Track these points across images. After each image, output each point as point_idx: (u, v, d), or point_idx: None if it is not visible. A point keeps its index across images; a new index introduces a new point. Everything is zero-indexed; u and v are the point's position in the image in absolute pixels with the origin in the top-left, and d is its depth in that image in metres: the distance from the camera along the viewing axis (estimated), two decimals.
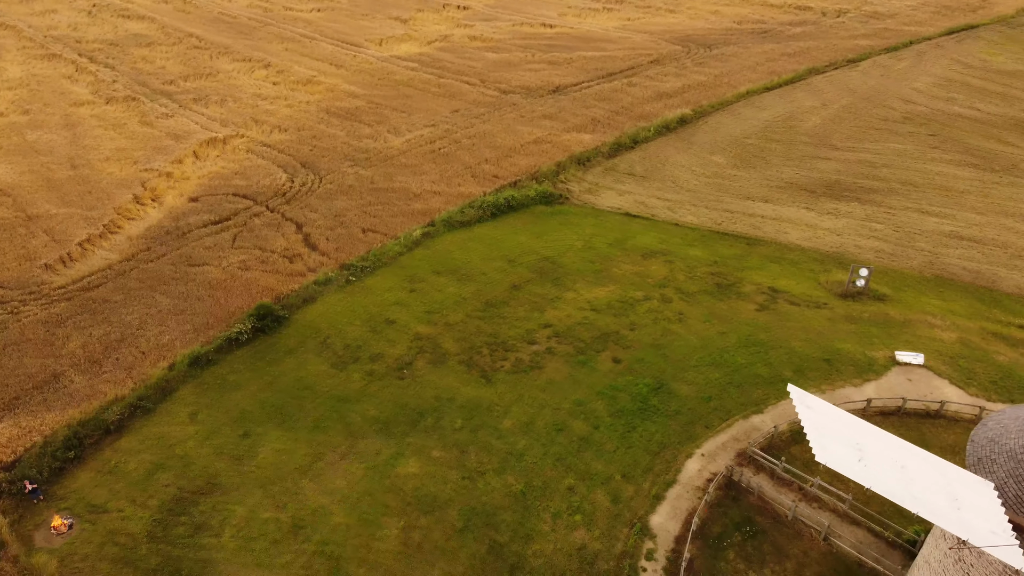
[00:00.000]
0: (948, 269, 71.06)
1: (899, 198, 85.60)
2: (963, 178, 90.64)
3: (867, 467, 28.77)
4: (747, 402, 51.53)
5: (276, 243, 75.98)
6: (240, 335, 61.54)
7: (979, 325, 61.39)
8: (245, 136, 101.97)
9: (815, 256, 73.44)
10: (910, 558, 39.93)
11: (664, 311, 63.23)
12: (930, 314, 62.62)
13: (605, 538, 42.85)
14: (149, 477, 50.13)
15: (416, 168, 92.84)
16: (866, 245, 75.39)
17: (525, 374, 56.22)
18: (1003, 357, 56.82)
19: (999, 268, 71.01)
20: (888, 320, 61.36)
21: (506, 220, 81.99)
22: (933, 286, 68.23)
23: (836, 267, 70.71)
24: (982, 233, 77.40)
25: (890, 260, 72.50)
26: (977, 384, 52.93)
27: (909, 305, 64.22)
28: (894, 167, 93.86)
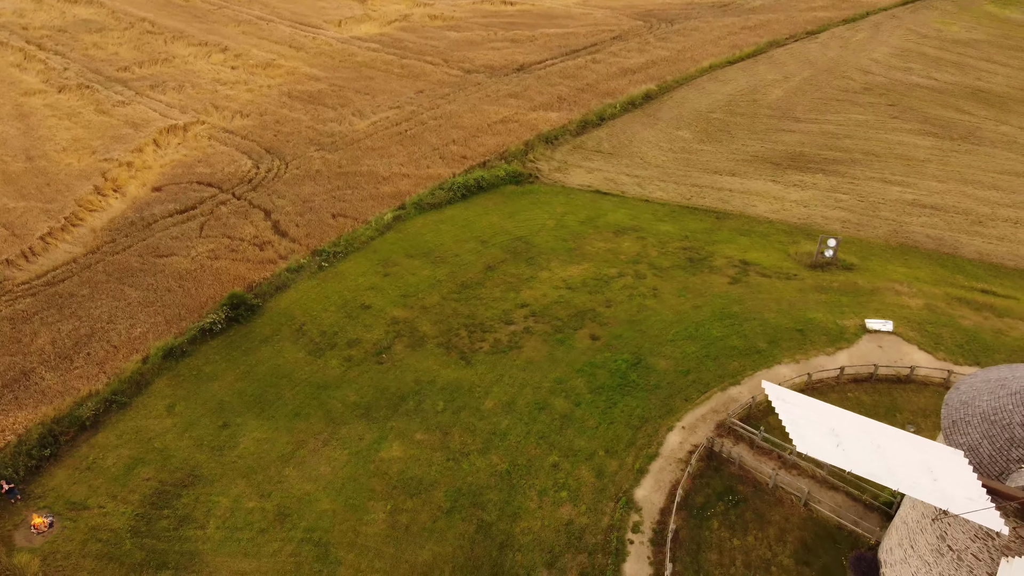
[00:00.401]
0: (912, 237, 72.74)
1: (862, 168, 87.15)
2: (923, 147, 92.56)
3: (845, 451, 29.48)
4: (724, 374, 52.43)
5: (245, 231, 74.89)
6: (214, 325, 60.76)
7: (943, 291, 63.06)
8: (206, 123, 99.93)
9: (783, 228, 74.58)
10: (887, 520, 41.24)
11: (638, 287, 63.83)
12: (896, 281, 64.13)
13: (591, 513, 43.50)
14: (128, 472, 49.53)
15: (383, 151, 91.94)
16: (832, 216, 76.76)
17: (504, 354, 56.45)
18: (967, 321, 58.52)
19: (960, 235, 72.88)
20: (856, 289, 62.73)
21: (477, 201, 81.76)
22: (898, 254, 69.81)
23: (804, 238, 71.94)
24: (943, 201, 79.27)
25: (856, 230, 73.96)
26: (944, 348, 54.50)
27: (876, 273, 65.69)
28: (856, 138, 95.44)
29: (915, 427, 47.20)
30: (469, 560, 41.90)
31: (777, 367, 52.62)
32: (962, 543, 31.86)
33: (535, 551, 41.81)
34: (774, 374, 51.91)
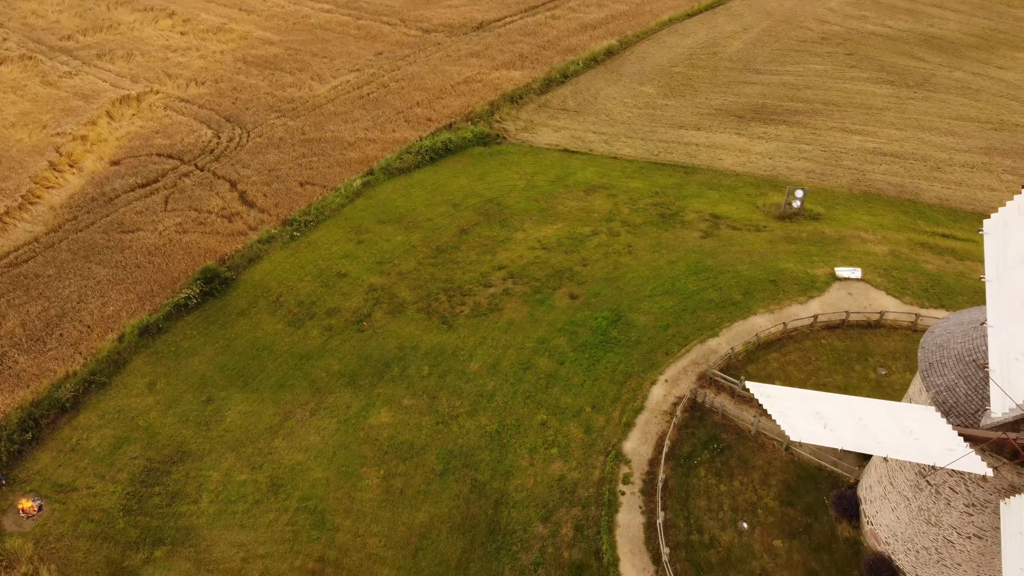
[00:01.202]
0: (874, 185, 74.50)
1: (823, 118, 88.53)
2: (880, 95, 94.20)
3: (834, 431, 30.48)
4: (702, 327, 53.65)
5: (211, 203, 73.51)
6: (188, 300, 60.02)
7: (906, 237, 65.01)
8: (160, 92, 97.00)
9: (750, 180, 75.72)
10: (864, 459, 43.06)
11: (613, 244, 64.54)
12: (862, 229, 65.86)
13: (582, 467, 44.63)
14: (115, 451, 49.22)
15: (346, 116, 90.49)
16: (797, 167, 78.12)
17: (485, 317, 56.91)
18: (930, 265, 60.54)
19: (920, 181, 74.85)
20: (824, 238, 64.30)
21: (445, 164, 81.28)
22: (862, 202, 71.55)
23: (771, 190, 73.20)
24: (902, 148, 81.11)
25: (820, 180, 75.46)
26: (910, 293, 56.42)
27: (842, 222, 67.34)
28: (816, 88, 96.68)
29: (887, 370, 49.19)
30: (466, 519, 42.83)
31: (753, 318, 54.02)
32: (940, 477, 33.61)
33: (530, 507, 42.88)
34: (750, 325, 53.31)
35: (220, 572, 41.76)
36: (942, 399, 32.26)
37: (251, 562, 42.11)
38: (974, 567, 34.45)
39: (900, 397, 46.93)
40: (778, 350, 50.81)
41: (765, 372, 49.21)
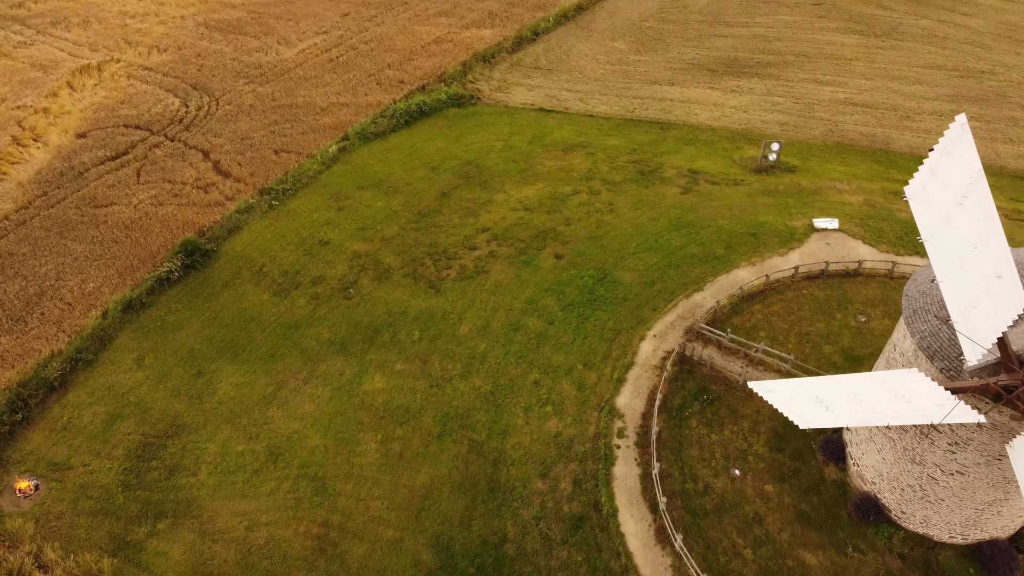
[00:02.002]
0: (846, 135, 75.56)
1: (794, 70, 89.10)
2: (849, 45, 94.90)
3: (834, 411, 31.37)
4: (687, 282, 54.56)
5: (185, 174, 72.30)
6: (170, 274, 59.47)
7: (880, 186, 66.27)
8: (121, 60, 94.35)
9: (725, 135, 76.32)
10: None
11: (594, 203, 64.95)
12: (836, 180, 66.99)
13: (577, 423, 45.64)
14: (108, 428, 49.15)
15: (316, 80, 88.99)
16: (771, 119, 78.81)
17: (472, 279, 57.24)
18: (904, 214, 61.86)
19: (891, 130, 76.05)
20: (800, 190, 65.33)
21: (420, 126, 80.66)
22: (835, 153, 72.62)
23: (746, 143, 73.91)
24: (872, 98, 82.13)
25: (794, 132, 76.30)
26: (886, 241, 57.78)
27: (817, 173, 68.39)
28: (786, 39, 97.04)
29: (866, 317, 50.65)
30: (465, 479, 43.72)
31: (736, 271, 55.03)
32: None
33: (528, 464, 43.87)
34: (733, 278, 54.33)
35: (225, 541, 42.29)
36: (926, 344, 33.47)
37: (255, 530, 42.69)
38: (956, 501, 36.19)
39: (880, 343, 48.51)
40: (761, 302, 51.95)
41: (750, 324, 50.39)
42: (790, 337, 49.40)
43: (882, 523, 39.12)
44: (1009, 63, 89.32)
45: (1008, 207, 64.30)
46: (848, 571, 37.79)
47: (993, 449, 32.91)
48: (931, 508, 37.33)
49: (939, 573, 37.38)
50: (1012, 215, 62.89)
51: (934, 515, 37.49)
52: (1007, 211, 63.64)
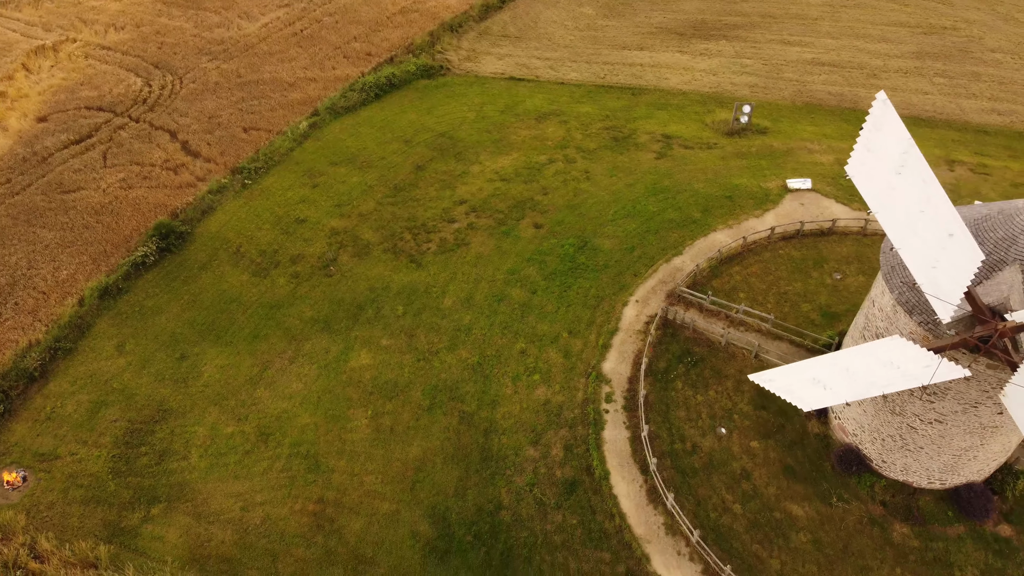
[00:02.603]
0: (815, 95, 76.36)
1: (762, 31, 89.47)
2: (815, 5, 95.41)
3: (832, 389, 32.03)
4: (666, 246, 55.19)
5: (153, 156, 70.94)
6: (146, 258, 58.68)
7: (850, 145, 66.72)
8: (77, 40, 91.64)
9: (696, 98, 76.68)
10: None
11: (570, 171, 65.12)
12: (807, 140, 67.86)
13: (565, 390, 46.31)
14: (93, 416, 48.78)
15: (282, 55, 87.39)
16: (740, 82, 79.27)
17: (453, 252, 57.32)
18: None
19: (859, 88, 76.97)
20: (773, 151, 66.10)
21: (391, 99, 79.85)
22: (805, 113, 73.43)
23: (717, 106, 74.38)
24: (839, 57, 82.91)
25: (764, 93, 76.89)
26: (858, 200, 58.70)
27: (788, 134, 69.18)
28: (752, 0, 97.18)
29: (841, 274, 51.79)
30: (458, 450, 44.26)
31: (713, 234, 55.78)
32: None
33: (519, 432, 44.51)
34: (711, 241, 55.09)
35: (221, 523, 42.47)
36: (904, 299, 34.42)
37: (251, 510, 42.91)
38: (935, 449, 37.56)
39: (856, 300, 49.71)
40: (740, 263, 52.83)
41: (729, 285, 51.26)
42: (769, 297, 50.39)
43: (864, 473, 40.49)
44: (971, 19, 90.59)
45: (973, 161, 65.77)
46: (833, 520, 39.16)
47: (970, 397, 34.15)
48: (911, 456, 38.71)
49: (920, 517, 38.90)
50: (977, 169, 64.36)
51: (914, 463, 38.90)
52: (972, 165, 65.12)
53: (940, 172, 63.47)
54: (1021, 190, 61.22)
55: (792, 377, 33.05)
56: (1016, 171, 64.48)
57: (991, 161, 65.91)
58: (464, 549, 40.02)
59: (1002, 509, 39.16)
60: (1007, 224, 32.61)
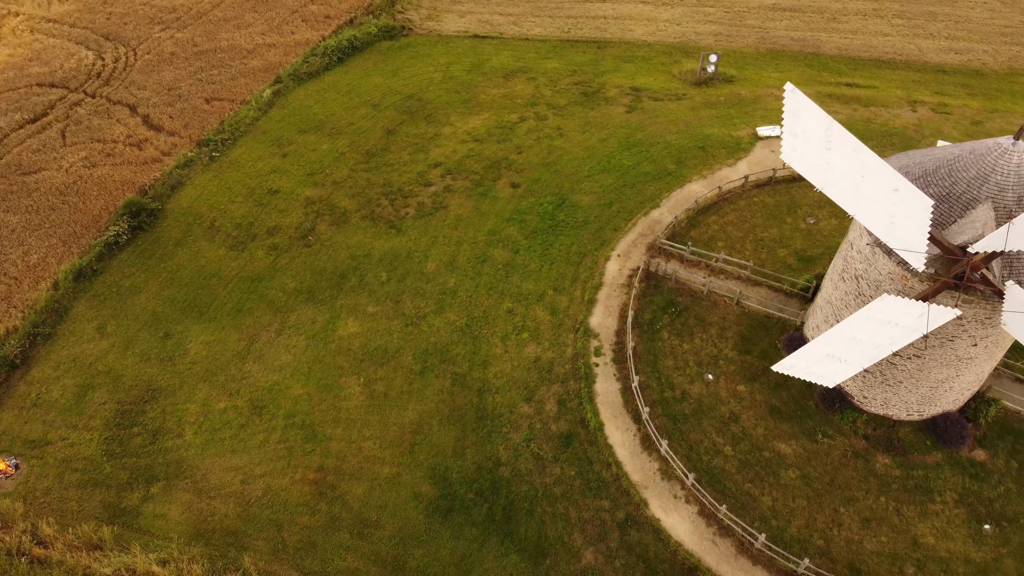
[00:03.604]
0: (778, 42, 76.94)
1: None
2: None
3: (847, 361, 31.66)
4: (643, 200, 55.87)
5: (114, 132, 69.15)
6: (118, 237, 57.70)
7: (814, 89, 68.21)
8: (20, 14, 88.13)
9: (662, 49, 76.77)
10: (806, 303, 47.25)
11: (543, 129, 65.15)
12: (773, 87, 68.62)
13: (555, 347, 47.14)
14: (80, 400, 48.40)
15: (238, 21, 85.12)
16: (704, 31, 79.46)
17: (432, 216, 57.33)
18: (840, 115, 64.17)
19: (819, 33, 77.73)
20: (741, 100, 66.79)
21: (354, 63, 78.57)
22: (769, 60, 74.07)
23: (683, 57, 74.63)
24: (799, 2, 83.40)
25: (728, 42, 77.25)
26: None
27: (754, 82, 69.85)
28: None
29: (814, 219, 53.07)
30: (453, 411, 44.99)
31: (688, 185, 56.56)
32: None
33: (512, 390, 45.34)
34: (687, 192, 55.89)
35: (223, 497, 42.82)
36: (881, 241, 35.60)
37: (251, 482, 43.28)
38: (913, 382, 39.26)
39: (829, 243, 51.09)
40: (716, 213, 53.78)
41: (707, 235, 52.25)
42: (746, 244, 51.52)
43: (846, 409, 42.20)
44: None
45: (934, 101, 67.27)
46: (819, 456, 40.88)
47: (947, 331, 35.68)
48: (890, 391, 40.43)
49: (900, 448, 40.80)
50: (938, 108, 65.88)
51: (893, 396, 40.65)
52: (933, 105, 66.61)
53: (903, 113, 64.97)
54: (981, 127, 62.96)
55: (809, 358, 33.87)
56: (975, 109, 66.20)
57: (951, 100, 67.50)
58: (467, 506, 41.00)
59: (976, 435, 41.24)
60: (979, 163, 33.78)
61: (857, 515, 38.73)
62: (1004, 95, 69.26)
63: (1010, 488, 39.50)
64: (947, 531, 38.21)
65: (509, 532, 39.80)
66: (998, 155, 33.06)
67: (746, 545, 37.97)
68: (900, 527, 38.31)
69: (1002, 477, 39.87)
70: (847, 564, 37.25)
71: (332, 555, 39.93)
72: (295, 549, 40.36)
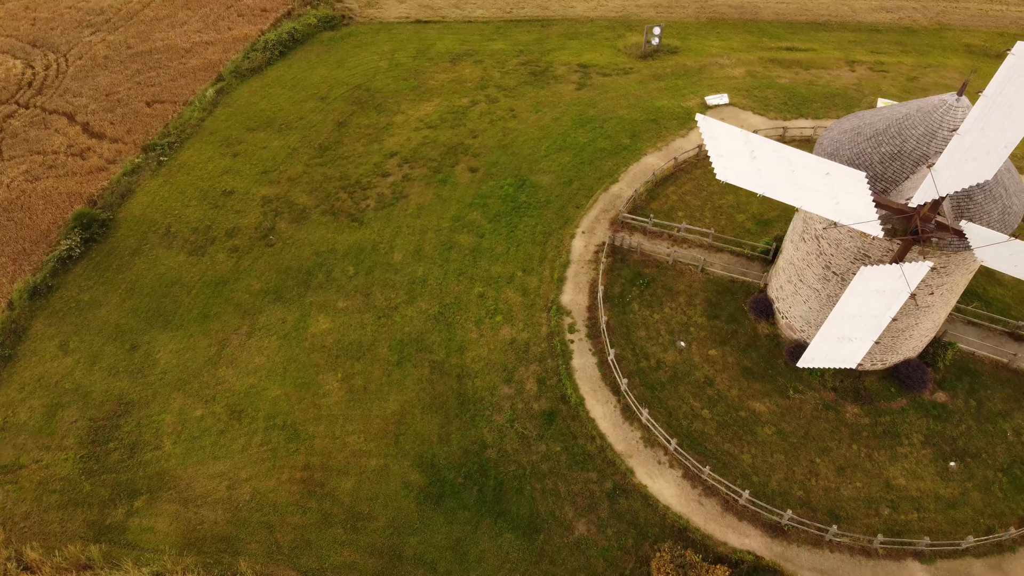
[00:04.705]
0: (717, 10, 78.22)
1: None
2: None
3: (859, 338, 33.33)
4: (602, 175, 56.64)
5: (54, 142, 66.94)
6: (71, 251, 56.15)
7: (757, 56, 69.77)
8: None
9: (605, 24, 77.38)
10: (768, 265, 48.75)
11: (495, 111, 65.31)
12: (717, 56, 69.93)
13: (529, 327, 47.78)
14: (50, 420, 47.34)
15: (171, 19, 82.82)
16: (645, 3, 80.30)
17: (393, 206, 57.19)
18: (783, 80, 65.85)
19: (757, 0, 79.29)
20: (687, 70, 67.92)
21: (297, 56, 77.32)
22: (710, 29, 75.31)
23: (627, 31, 75.39)
24: None
25: (669, 13, 78.23)
26: (773, 108, 61.58)
27: (698, 52, 71.03)
28: None
29: None
30: (434, 399, 45.37)
31: (645, 158, 57.53)
32: (844, 267, 39.17)
33: (491, 373, 45.90)
34: (644, 165, 56.87)
35: (210, 504, 42.57)
36: None
37: (237, 487, 43.09)
38: None
39: (785, 206, 52.53)
40: (674, 183, 54.91)
41: (667, 206, 53.35)
42: (705, 212, 52.79)
43: None
44: None
45: (871, 60, 69.44)
46: (792, 411, 42.52)
47: None
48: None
49: (867, 396, 42.68)
50: (875, 67, 68.07)
51: None
52: (870, 64, 68.79)
53: (843, 73, 66.94)
54: (917, 83, 65.31)
55: (825, 346, 34.87)
56: (910, 65, 68.59)
57: (886, 58, 69.75)
58: (457, 491, 41.58)
59: (936, 379, 43.38)
60: (926, 120, 35.29)
61: (832, 464, 40.51)
62: (935, 50, 71.87)
63: (971, 426, 41.75)
64: (916, 471, 40.26)
65: (501, 512, 40.54)
66: (944, 111, 34.60)
67: (731, 503, 39.41)
68: (873, 472, 40.21)
69: (963, 416, 42.10)
70: (827, 511, 39.00)
71: (328, 551, 40.16)
72: (290, 549, 40.45)
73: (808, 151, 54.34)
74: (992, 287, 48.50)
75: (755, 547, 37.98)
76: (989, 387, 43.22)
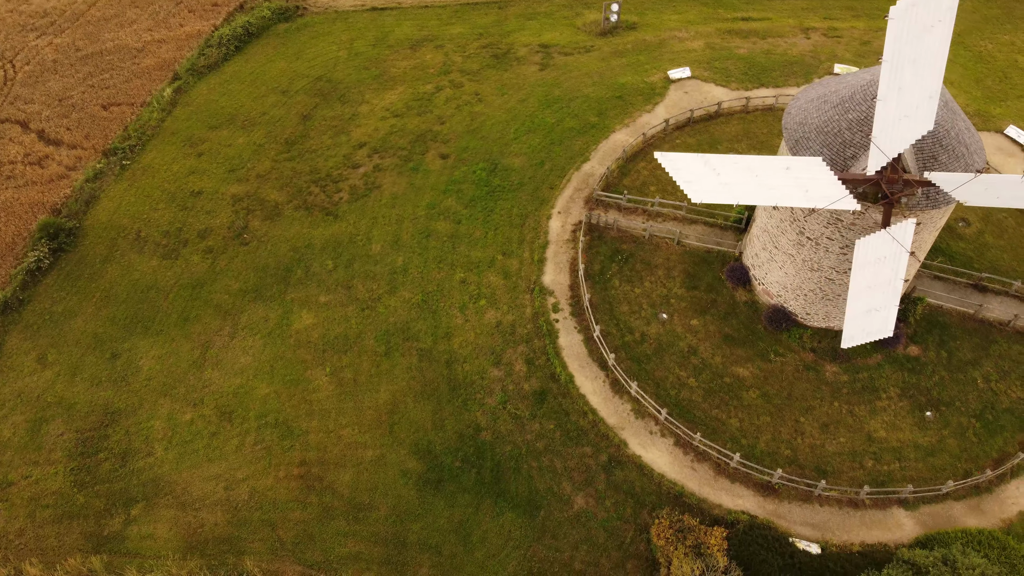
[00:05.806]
0: None
1: None
2: None
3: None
4: (573, 155, 57.20)
5: (9, 152, 65.17)
6: (39, 262, 55.07)
7: (714, 28, 70.69)
8: None
9: (562, 3, 77.51)
10: (741, 234, 49.94)
11: (461, 96, 65.30)
12: (675, 29, 70.71)
13: (513, 309, 48.40)
14: (35, 435, 46.79)
15: (120, 18, 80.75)
16: None
17: (367, 197, 57.09)
18: (742, 50, 66.94)
19: None
20: (647, 45, 68.59)
21: (253, 50, 76.06)
22: (667, 3, 75.95)
23: (584, 8, 75.69)
24: None
25: None
26: (735, 80, 62.64)
27: (656, 26, 71.71)
28: None
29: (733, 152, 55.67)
30: (425, 386, 45.84)
31: (613, 135, 58.22)
32: (818, 232, 40.44)
33: (479, 357, 46.48)
34: (613, 142, 57.56)
35: (208, 506, 42.63)
36: None
37: (235, 488, 43.20)
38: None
39: None
40: (644, 159, 55.72)
41: (639, 181, 54.20)
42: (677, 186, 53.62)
43: (792, 327, 45.32)
44: None
45: (824, 26, 70.91)
46: (775, 374, 43.93)
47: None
48: (830, 304, 43.65)
49: (844, 355, 44.24)
50: (829, 33, 69.55)
51: (833, 309, 43.91)
52: (824, 30, 70.26)
53: (799, 41, 68.29)
54: (870, 47, 66.94)
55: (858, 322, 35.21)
56: (862, 29, 70.19)
57: (839, 23, 71.25)
58: (455, 475, 42.25)
59: (908, 333, 45.13)
60: None
61: (816, 422, 42.06)
62: (886, 13, 73.44)
63: (943, 376, 43.63)
64: (895, 423, 42.02)
65: (501, 492, 41.34)
66: None
67: (722, 466, 40.73)
68: (855, 426, 41.86)
69: (935, 367, 43.96)
70: (814, 467, 40.56)
71: (332, 544, 40.59)
72: (293, 544, 40.79)
73: (773, 120, 55.77)
74: (954, 241, 50.42)
75: (749, 507, 39.39)
76: (958, 338, 45.13)
